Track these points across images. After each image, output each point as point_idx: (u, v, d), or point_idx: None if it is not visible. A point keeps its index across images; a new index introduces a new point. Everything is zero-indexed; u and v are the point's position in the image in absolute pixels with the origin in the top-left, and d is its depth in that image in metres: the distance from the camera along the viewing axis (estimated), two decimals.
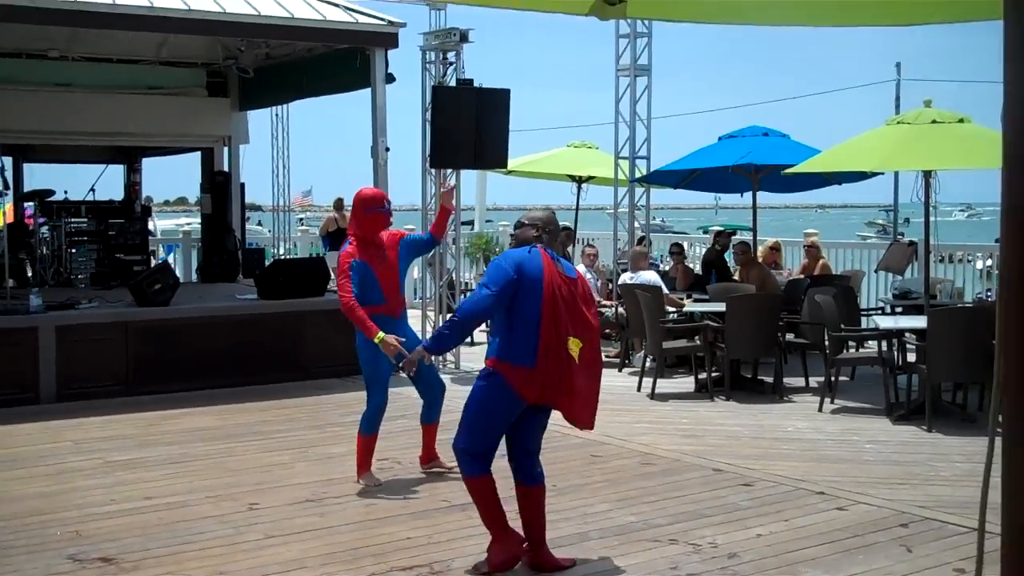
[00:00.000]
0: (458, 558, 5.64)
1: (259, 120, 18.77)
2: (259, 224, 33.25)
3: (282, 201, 18.79)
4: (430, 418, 7.47)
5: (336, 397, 10.40)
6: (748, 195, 14.07)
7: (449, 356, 11.99)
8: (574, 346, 5.25)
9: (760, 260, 13.97)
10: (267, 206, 20.57)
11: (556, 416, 5.53)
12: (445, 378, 8.05)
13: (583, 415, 5.45)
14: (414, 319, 11.46)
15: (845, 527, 6.28)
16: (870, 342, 11.81)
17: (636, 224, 14.17)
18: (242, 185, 16.97)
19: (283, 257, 15.62)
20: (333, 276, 12.32)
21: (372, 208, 7.11)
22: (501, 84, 11.98)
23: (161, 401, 9.97)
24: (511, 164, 13.71)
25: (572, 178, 16.57)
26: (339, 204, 20.25)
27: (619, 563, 5.61)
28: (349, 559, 5.63)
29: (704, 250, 16.88)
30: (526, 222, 5.54)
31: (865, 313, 12.98)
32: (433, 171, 12.15)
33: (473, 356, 11.75)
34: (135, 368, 10.44)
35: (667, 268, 14.91)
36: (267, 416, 9.51)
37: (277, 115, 18.82)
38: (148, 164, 17.59)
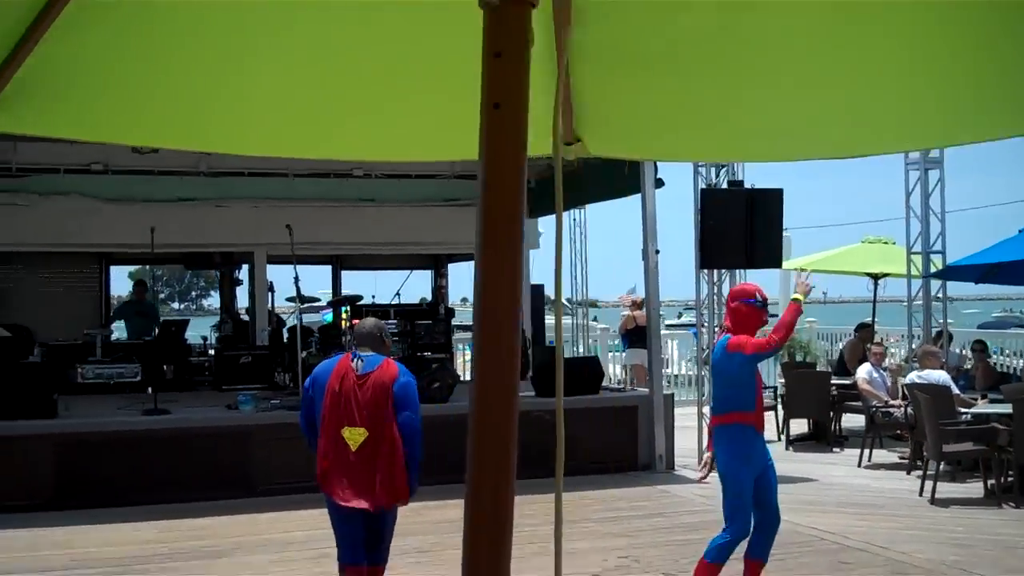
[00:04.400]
0: None
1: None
2: (595, 320, 33.56)
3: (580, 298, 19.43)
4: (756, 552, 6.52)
5: (602, 493, 10.48)
6: None
7: None
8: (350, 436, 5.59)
9: None
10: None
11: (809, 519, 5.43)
12: None
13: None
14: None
15: None
16: None
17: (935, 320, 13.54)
18: (541, 286, 17.68)
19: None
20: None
21: (738, 300, 6.49)
22: (775, 181, 11.95)
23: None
24: (804, 262, 13.53)
25: (869, 274, 16.09)
26: (640, 303, 20.54)
27: None
28: None
29: None
30: None
31: None
32: (705, 270, 12.19)
33: None
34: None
35: (968, 366, 14.06)
36: (526, 509, 9.60)
37: (575, 219, 19.53)
38: (453, 269, 18.69)
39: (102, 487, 10.04)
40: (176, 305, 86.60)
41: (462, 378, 16.59)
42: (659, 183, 11.92)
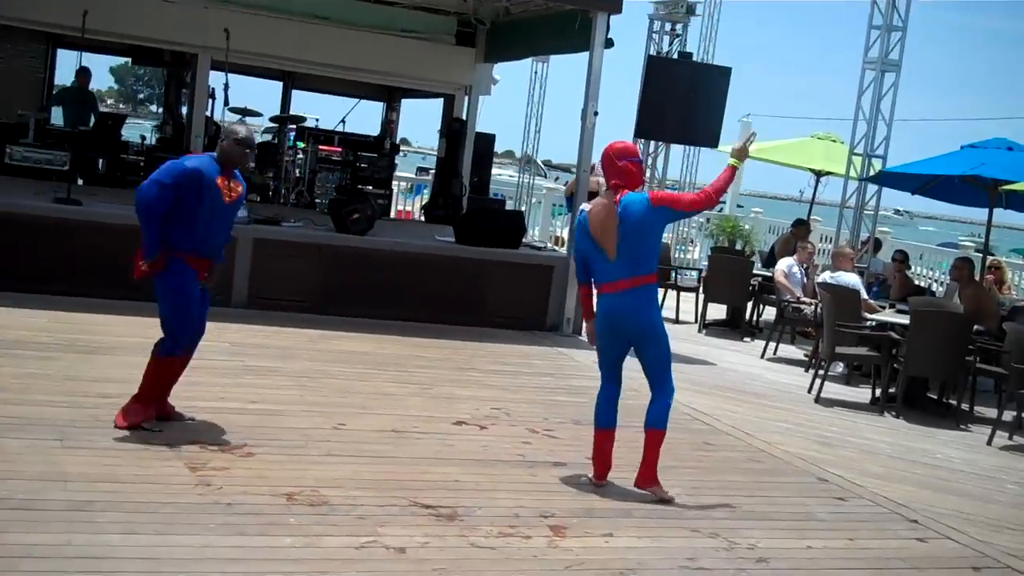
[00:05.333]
0: (486, 507, 5.74)
1: (518, 72, 19.19)
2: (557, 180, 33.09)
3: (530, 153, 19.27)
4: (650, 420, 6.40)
5: (500, 347, 10.61)
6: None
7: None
8: None
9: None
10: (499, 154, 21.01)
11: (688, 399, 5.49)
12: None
13: None
14: None
15: (908, 558, 5.92)
16: None
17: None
18: (493, 136, 17.48)
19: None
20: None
21: (625, 159, 6.28)
22: (727, 62, 11.77)
23: (335, 323, 10.50)
24: (754, 150, 13.37)
25: (812, 171, 16.04)
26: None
27: (636, 543, 5.54)
28: (383, 488, 5.83)
29: None
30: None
31: None
32: (642, 141, 12.08)
33: None
34: (322, 289, 11.05)
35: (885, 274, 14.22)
36: (421, 352, 9.84)
37: (536, 72, 19.25)
38: (407, 105, 18.41)
39: (3, 270, 9.99)
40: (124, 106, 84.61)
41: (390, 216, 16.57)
42: (609, 43, 11.67)
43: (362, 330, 10.36)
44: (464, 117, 15.76)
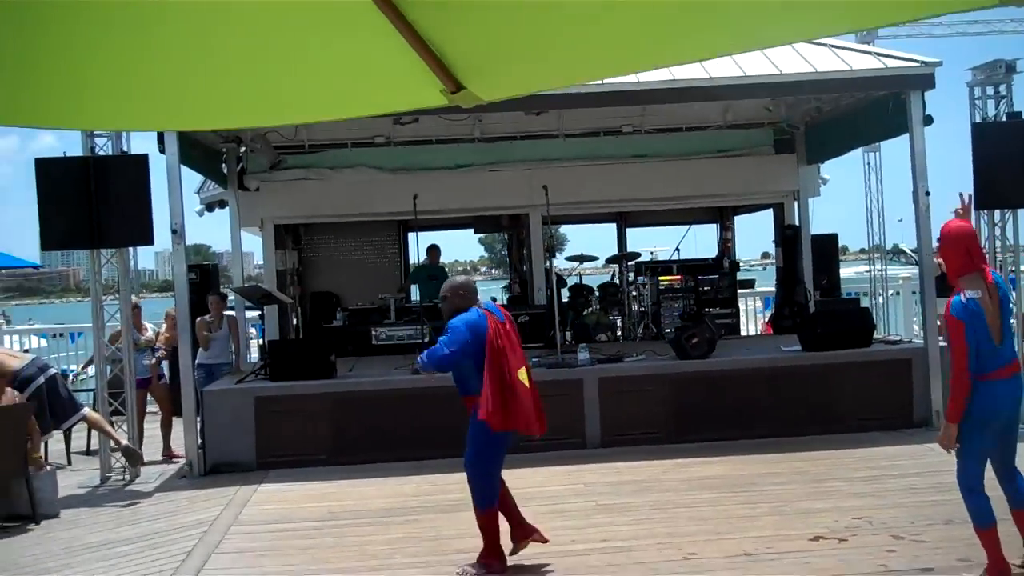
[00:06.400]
0: None
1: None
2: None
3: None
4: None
5: (861, 452, 10.10)
6: None
7: None
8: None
9: None
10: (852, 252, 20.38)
11: None
12: None
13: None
14: None
15: None
16: None
17: None
18: (835, 235, 17.04)
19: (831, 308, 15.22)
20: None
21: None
22: None
23: (687, 450, 10.43)
24: None
25: None
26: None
27: None
28: None
29: None
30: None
31: None
32: (985, 213, 11.36)
33: None
34: (672, 417, 11.05)
35: None
36: (775, 468, 9.55)
37: (868, 163, 18.67)
38: (739, 221, 18.34)
39: (372, 443, 10.76)
40: None
41: (742, 333, 16.36)
42: (928, 120, 11.16)
43: (713, 453, 10.21)
44: (797, 222, 15.48)
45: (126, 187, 10.45)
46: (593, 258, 16.68)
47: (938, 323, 11.78)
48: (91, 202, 10.34)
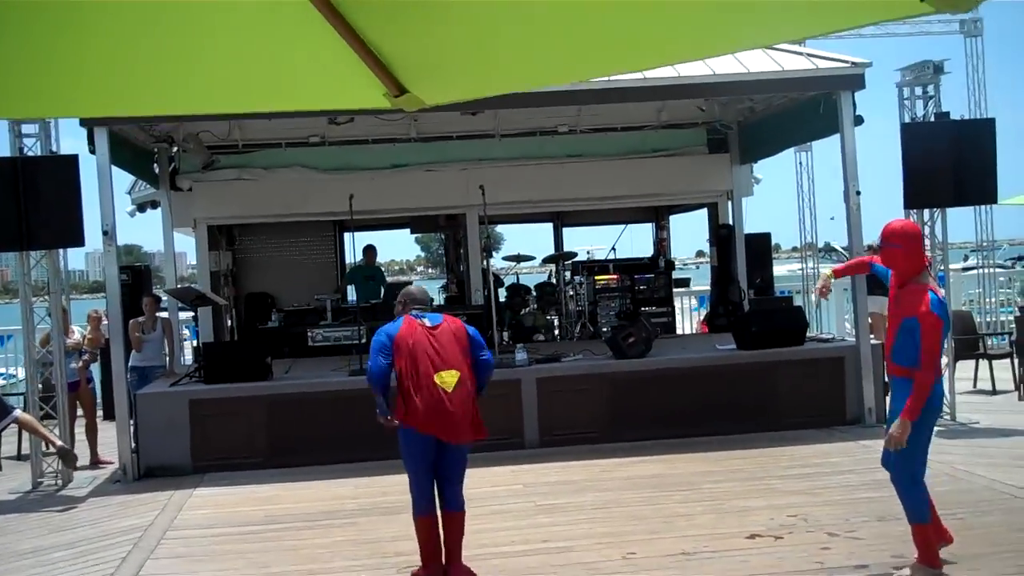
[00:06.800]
0: None
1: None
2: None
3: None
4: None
5: (795, 450, 10.22)
6: None
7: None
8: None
9: None
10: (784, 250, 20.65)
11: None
12: None
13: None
14: None
15: None
16: None
17: None
18: (768, 235, 17.21)
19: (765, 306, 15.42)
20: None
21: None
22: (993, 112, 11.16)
23: (625, 449, 10.48)
24: None
25: None
26: (876, 247, 19.68)
27: None
28: None
29: None
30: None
31: None
32: (914, 212, 11.54)
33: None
34: (609, 417, 11.09)
35: None
36: (712, 467, 9.63)
37: (800, 163, 18.90)
38: (674, 220, 18.48)
39: (309, 445, 10.68)
40: None
41: (678, 332, 16.49)
42: (858, 120, 11.34)
43: (651, 452, 10.27)
44: (731, 222, 15.63)
45: (55, 187, 10.24)
46: (530, 258, 16.72)
47: (868, 321, 12.00)
48: (19, 203, 10.12)
